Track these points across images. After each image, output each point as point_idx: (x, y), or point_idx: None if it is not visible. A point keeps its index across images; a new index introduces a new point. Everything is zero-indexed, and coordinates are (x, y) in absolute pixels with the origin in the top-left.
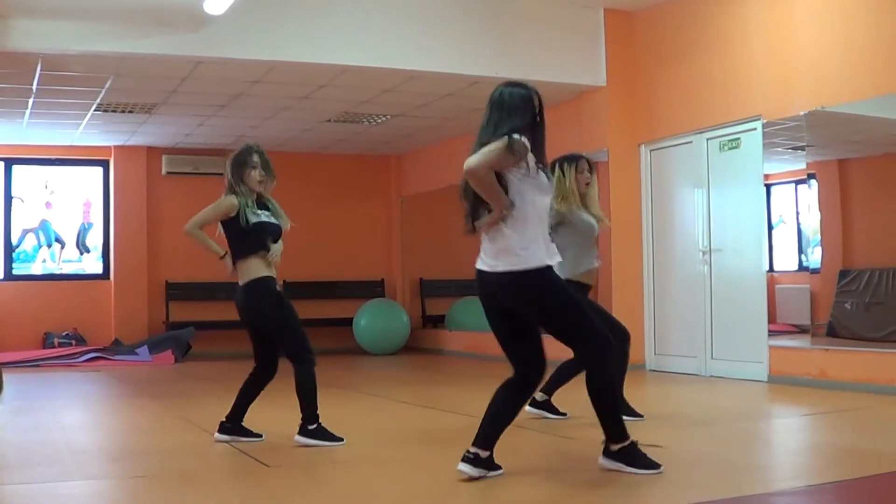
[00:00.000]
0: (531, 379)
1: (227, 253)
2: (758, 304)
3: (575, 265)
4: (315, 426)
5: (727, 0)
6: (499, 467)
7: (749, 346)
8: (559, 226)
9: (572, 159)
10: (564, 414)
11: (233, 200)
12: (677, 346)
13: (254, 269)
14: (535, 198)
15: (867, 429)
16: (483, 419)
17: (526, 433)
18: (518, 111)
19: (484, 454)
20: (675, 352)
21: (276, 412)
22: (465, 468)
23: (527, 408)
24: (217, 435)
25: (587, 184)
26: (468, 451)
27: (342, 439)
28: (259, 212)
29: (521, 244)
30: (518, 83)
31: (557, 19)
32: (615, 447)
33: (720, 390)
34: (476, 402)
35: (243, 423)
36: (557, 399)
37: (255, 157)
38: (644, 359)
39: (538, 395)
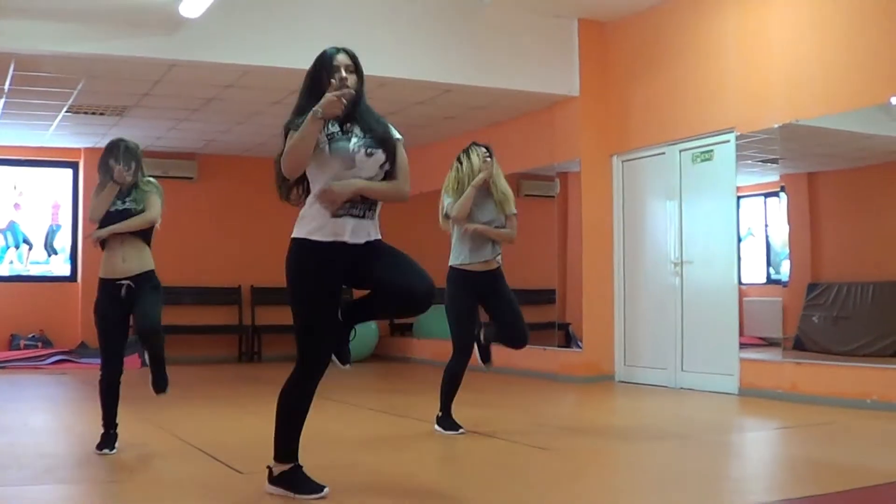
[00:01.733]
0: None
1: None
2: (729, 317)
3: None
4: None
5: (702, 12)
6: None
7: (720, 359)
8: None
9: (470, 147)
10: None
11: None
12: (647, 357)
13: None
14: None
15: (840, 443)
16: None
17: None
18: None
19: None
20: (645, 363)
21: (248, 418)
22: None
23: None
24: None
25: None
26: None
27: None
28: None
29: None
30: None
31: (531, 29)
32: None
33: (690, 402)
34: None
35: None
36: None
37: (119, 151)
38: (614, 369)
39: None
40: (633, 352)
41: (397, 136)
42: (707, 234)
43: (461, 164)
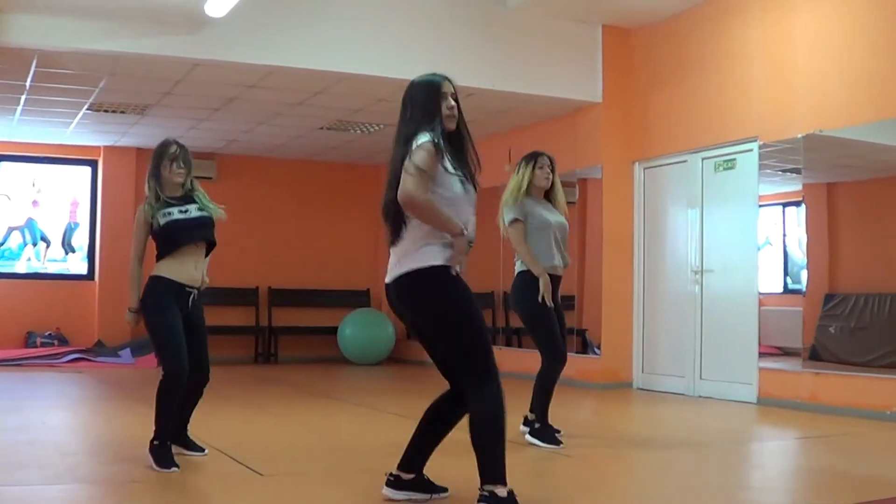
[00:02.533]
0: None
1: (138, 310)
2: (748, 326)
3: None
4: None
5: (726, 20)
6: (440, 489)
7: (738, 368)
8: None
9: (532, 156)
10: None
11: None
12: (666, 365)
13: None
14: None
15: (860, 454)
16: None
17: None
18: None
19: (407, 476)
20: (664, 371)
21: (266, 420)
22: (387, 492)
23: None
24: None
25: (546, 178)
26: (390, 474)
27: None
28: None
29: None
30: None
31: (555, 34)
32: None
33: (709, 411)
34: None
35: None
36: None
37: (174, 149)
38: (632, 377)
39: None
40: (651, 359)
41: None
42: (728, 243)
43: (518, 172)
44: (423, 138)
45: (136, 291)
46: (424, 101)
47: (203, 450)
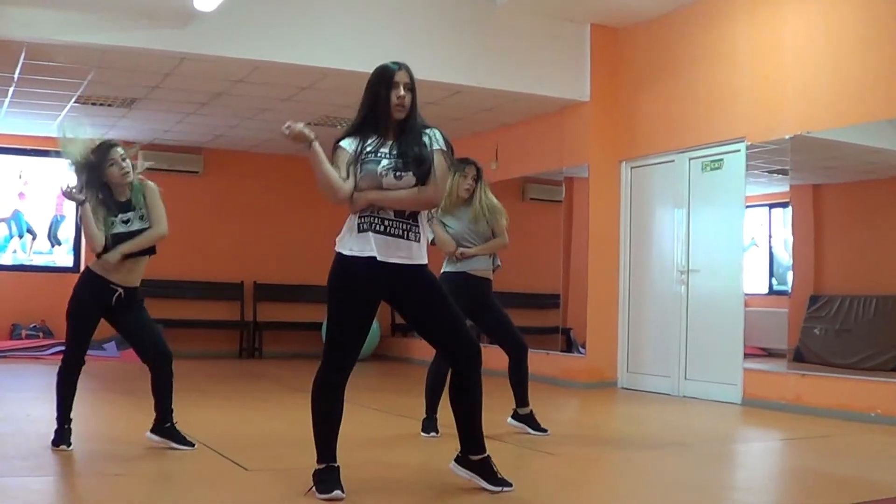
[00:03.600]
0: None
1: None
2: (734, 327)
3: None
4: None
5: (715, 20)
6: (503, 483)
7: (723, 368)
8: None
9: (460, 164)
10: (545, 430)
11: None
12: (650, 364)
13: None
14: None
15: (844, 456)
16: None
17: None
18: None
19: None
20: (648, 371)
21: (250, 414)
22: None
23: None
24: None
25: (466, 189)
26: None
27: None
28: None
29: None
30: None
31: (543, 32)
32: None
33: (693, 411)
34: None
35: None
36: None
37: (121, 154)
38: (617, 376)
39: (521, 409)
40: (636, 359)
41: (438, 146)
42: (714, 244)
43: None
44: (342, 140)
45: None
46: (375, 86)
47: (192, 444)
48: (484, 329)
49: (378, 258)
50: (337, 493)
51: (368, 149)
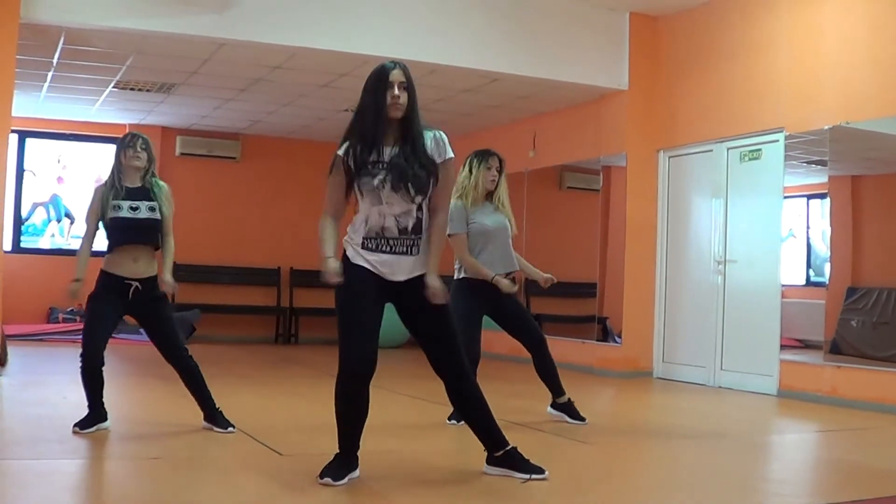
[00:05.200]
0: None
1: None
2: (771, 318)
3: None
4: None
5: (754, 10)
6: (537, 470)
7: (759, 359)
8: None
9: (483, 155)
10: (584, 419)
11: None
12: (686, 355)
13: None
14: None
15: (880, 448)
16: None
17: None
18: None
19: (497, 453)
20: (684, 361)
21: (286, 400)
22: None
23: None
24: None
25: (492, 180)
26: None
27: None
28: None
29: None
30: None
31: (582, 20)
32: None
33: (729, 402)
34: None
35: None
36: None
37: (129, 137)
38: (652, 366)
39: (559, 399)
40: (672, 349)
41: (448, 155)
42: (751, 234)
43: (471, 172)
44: (339, 149)
45: (83, 265)
46: (371, 88)
47: (232, 426)
48: (504, 328)
49: (384, 277)
50: (328, 479)
51: (362, 160)
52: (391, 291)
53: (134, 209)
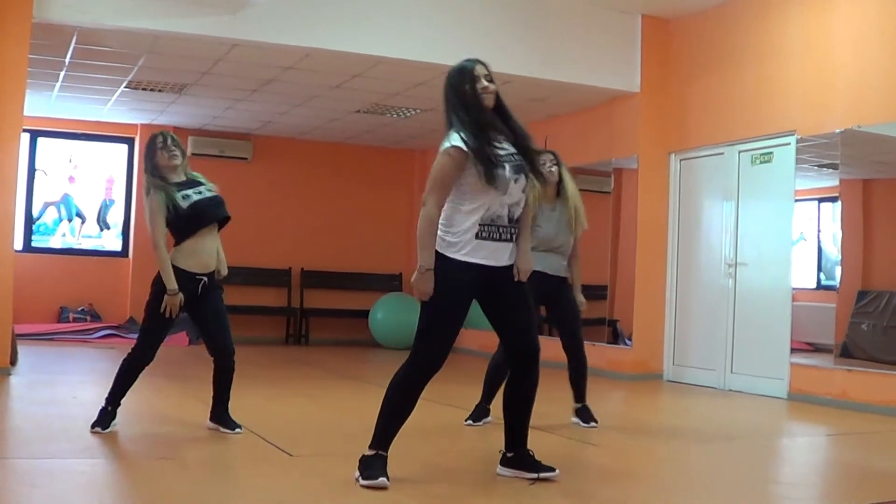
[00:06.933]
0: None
1: (179, 292)
2: (781, 321)
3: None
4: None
5: (766, 13)
6: (546, 468)
7: (770, 362)
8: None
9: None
10: (595, 421)
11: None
12: (697, 357)
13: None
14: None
15: (891, 452)
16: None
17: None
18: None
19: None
20: (694, 363)
21: (297, 401)
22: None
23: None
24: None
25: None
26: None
27: None
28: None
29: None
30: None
31: (595, 23)
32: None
33: (739, 405)
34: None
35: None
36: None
37: (161, 139)
38: (662, 369)
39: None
40: (682, 351)
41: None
42: (763, 237)
43: None
44: (450, 140)
45: (172, 274)
46: (458, 85)
47: (239, 427)
48: (553, 323)
49: (490, 264)
50: (382, 480)
51: (492, 152)
52: (487, 282)
53: (198, 193)
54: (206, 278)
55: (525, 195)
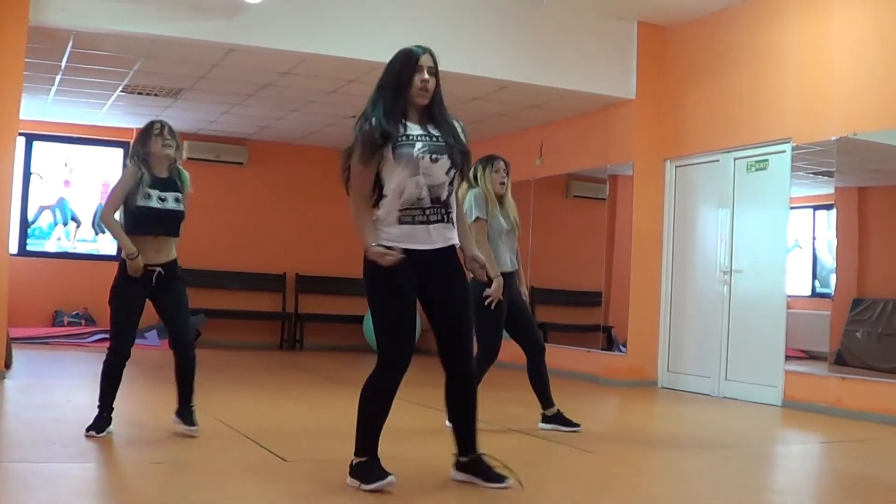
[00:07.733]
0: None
1: (138, 254)
2: (776, 328)
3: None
4: None
5: (762, 20)
6: (498, 478)
7: (764, 370)
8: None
9: (489, 159)
10: (578, 425)
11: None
12: (691, 364)
13: None
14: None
15: (885, 460)
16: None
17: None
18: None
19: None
20: (689, 370)
21: (290, 406)
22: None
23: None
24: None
25: (501, 184)
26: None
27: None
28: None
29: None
30: None
31: (591, 29)
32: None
33: (733, 412)
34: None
35: None
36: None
37: (159, 126)
38: (657, 375)
39: (548, 411)
40: (677, 358)
41: (468, 148)
42: (757, 244)
43: (477, 181)
44: (363, 125)
45: (126, 238)
46: (398, 70)
47: (195, 425)
48: (507, 329)
49: (421, 248)
50: (390, 479)
51: (401, 132)
52: (423, 268)
53: (162, 200)
54: (160, 269)
55: (451, 178)
